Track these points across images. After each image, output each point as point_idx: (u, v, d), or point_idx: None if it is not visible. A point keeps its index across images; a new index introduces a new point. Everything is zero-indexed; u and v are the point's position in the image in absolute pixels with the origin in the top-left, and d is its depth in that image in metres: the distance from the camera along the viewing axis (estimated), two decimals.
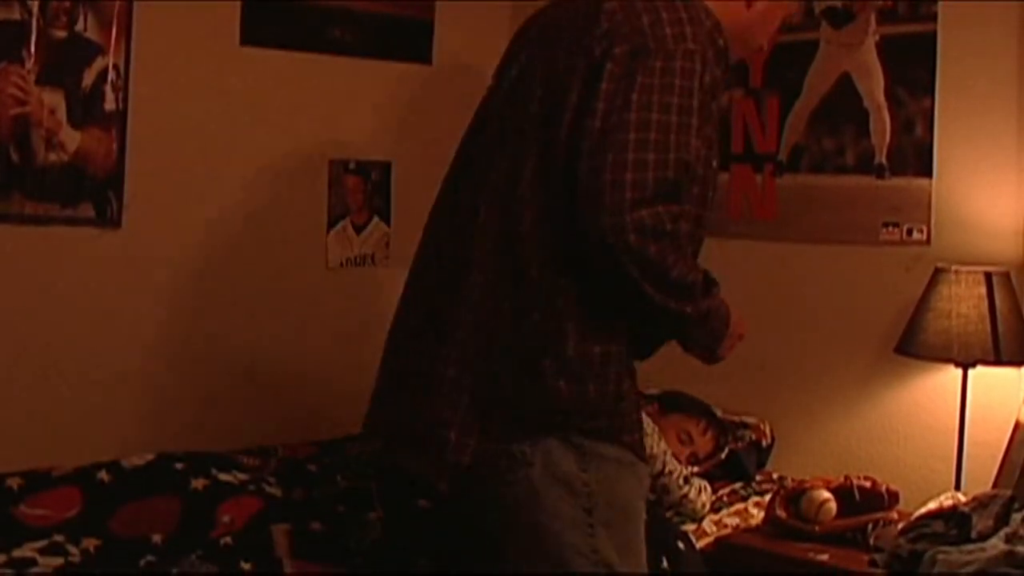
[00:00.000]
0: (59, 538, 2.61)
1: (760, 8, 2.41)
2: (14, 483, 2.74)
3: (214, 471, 2.92)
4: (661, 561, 2.83)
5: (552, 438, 2.21)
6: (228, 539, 2.64)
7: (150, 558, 2.59)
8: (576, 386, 2.19)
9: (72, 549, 2.59)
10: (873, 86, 3.46)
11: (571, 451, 2.21)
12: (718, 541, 3.10)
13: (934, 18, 3.33)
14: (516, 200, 2.25)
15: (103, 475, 2.82)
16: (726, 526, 3.15)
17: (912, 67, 3.38)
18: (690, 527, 3.09)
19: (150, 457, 2.94)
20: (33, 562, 2.51)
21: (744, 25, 2.40)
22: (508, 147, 2.33)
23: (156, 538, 2.66)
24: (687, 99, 2.18)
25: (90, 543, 2.62)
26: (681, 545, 2.91)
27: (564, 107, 2.23)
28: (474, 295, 2.25)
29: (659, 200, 2.12)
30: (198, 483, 2.84)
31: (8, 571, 2.46)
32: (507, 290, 2.23)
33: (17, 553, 2.53)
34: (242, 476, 2.96)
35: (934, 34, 3.34)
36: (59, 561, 2.54)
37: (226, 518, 2.72)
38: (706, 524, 3.15)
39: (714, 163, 2.33)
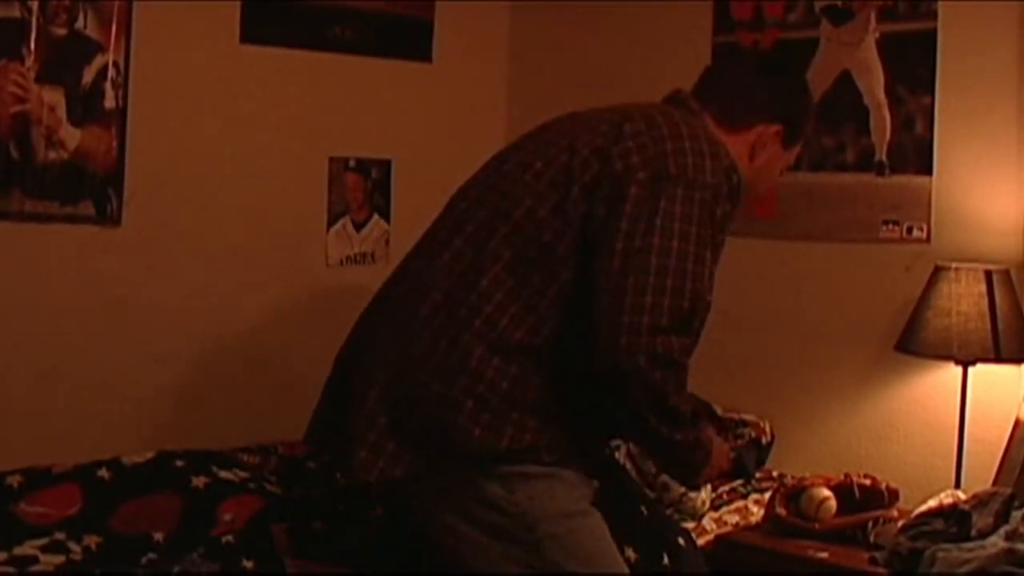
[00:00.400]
0: (60, 535, 2.61)
1: (761, 163, 2.51)
2: (14, 481, 2.74)
3: (215, 469, 2.92)
4: (662, 558, 2.83)
5: (472, 469, 2.25)
6: (230, 538, 2.63)
7: (151, 556, 2.59)
8: (490, 434, 2.23)
9: (74, 547, 2.59)
10: (873, 84, 3.46)
11: (493, 479, 2.25)
12: (718, 539, 3.10)
13: (934, 16, 3.33)
14: (485, 262, 2.30)
15: (103, 473, 2.82)
16: (726, 524, 3.16)
17: (912, 65, 3.38)
18: (690, 525, 3.09)
19: (150, 455, 2.94)
20: (35, 559, 2.51)
21: (748, 178, 2.47)
22: (483, 216, 2.37)
23: (157, 536, 2.66)
24: (704, 230, 2.26)
25: (91, 540, 2.62)
26: (682, 542, 2.91)
27: (569, 208, 2.28)
28: (427, 322, 2.30)
29: (673, 329, 2.20)
30: (199, 481, 2.84)
31: (9, 569, 2.46)
32: (456, 330, 2.27)
33: (18, 551, 2.53)
34: (243, 474, 2.96)
35: (934, 32, 3.34)
36: (60, 559, 2.53)
37: (227, 517, 2.72)
38: (706, 522, 3.15)
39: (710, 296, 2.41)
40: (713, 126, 2.45)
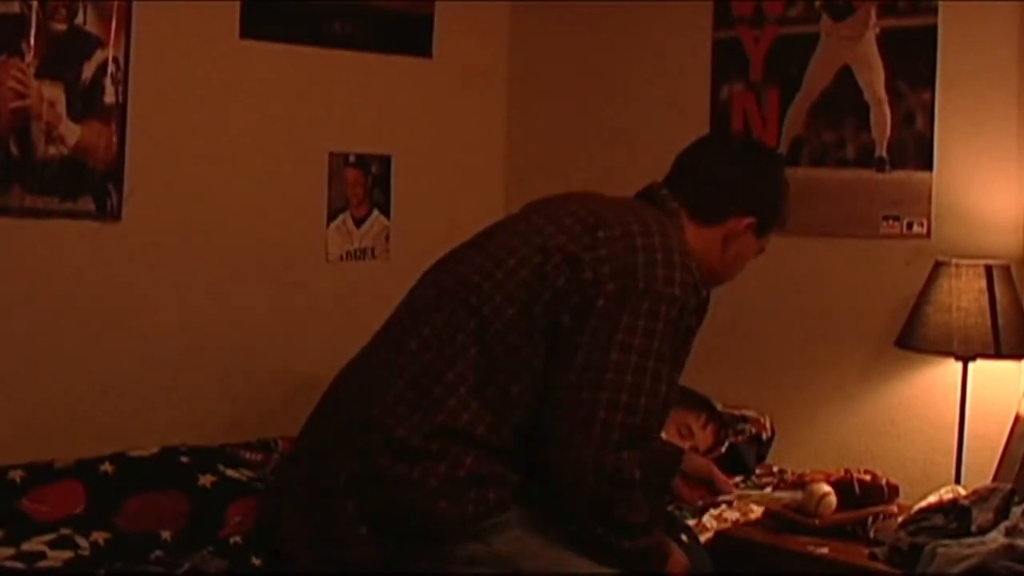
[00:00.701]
0: (66, 531, 2.60)
1: (732, 254, 2.57)
2: (16, 475, 2.74)
3: (221, 467, 2.91)
4: None
5: (446, 539, 2.30)
6: (238, 538, 2.64)
7: (159, 553, 2.59)
8: (455, 507, 2.27)
9: (81, 542, 2.58)
10: (873, 79, 3.45)
11: (469, 539, 2.29)
12: (718, 535, 3.10)
13: (935, 11, 3.33)
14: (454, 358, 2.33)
15: (107, 467, 2.81)
16: (726, 520, 3.15)
17: (913, 60, 3.38)
18: (691, 522, 3.09)
19: (154, 450, 2.93)
20: (43, 555, 2.51)
21: (719, 269, 2.58)
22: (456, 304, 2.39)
23: (165, 535, 2.66)
24: (666, 345, 2.30)
25: (99, 536, 2.61)
26: (685, 538, 2.91)
27: (538, 312, 2.31)
28: (390, 409, 2.32)
29: (625, 445, 2.24)
30: (206, 480, 2.83)
31: (18, 564, 2.45)
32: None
33: (26, 546, 2.52)
34: (249, 473, 2.95)
35: (935, 27, 3.33)
36: (69, 554, 2.53)
37: (237, 518, 2.72)
38: (706, 519, 3.14)
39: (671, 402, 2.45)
40: (687, 221, 2.50)
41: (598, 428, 2.22)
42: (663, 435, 3.24)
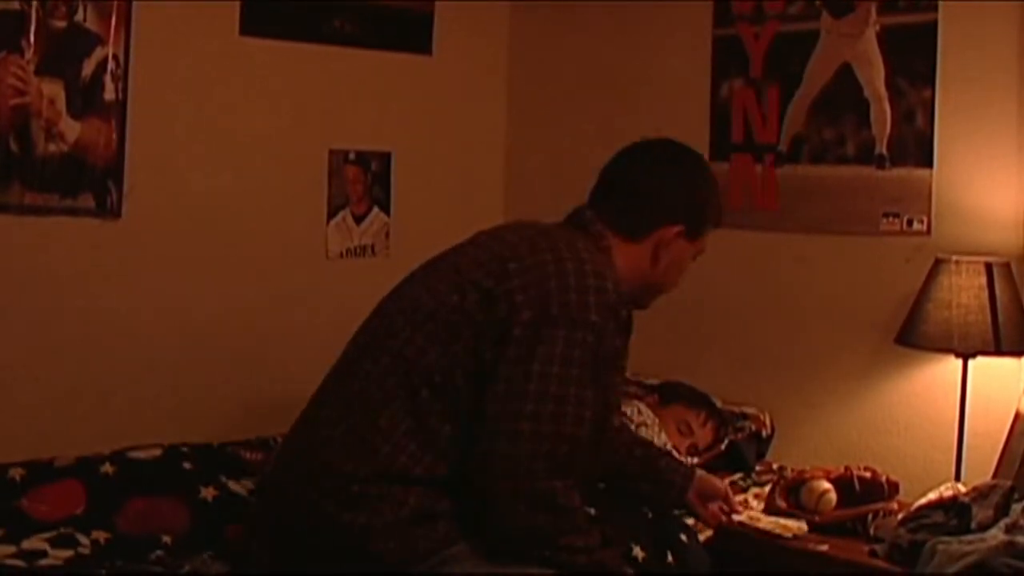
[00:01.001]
0: (67, 530, 2.60)
1: (665, 264, 2.54)
2: (16, 474, 2.73)
3: (223, 478, 2.89)
4: (666, 556, 2.83)
5: None
6: (239, 546, 2.63)
7: (160, 552, 2.59)
8: (405, 547, 2.27)
9: (82, 539, 2.58)
10: (874, 76, 3.45)
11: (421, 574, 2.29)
12: (718, 530, 3.10)
13: (935, 8, 3.32)
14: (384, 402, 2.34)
15: (107, 468, 2.81)
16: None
17: (913, 57, 3.38)
18: (691, 520, 3.09)
19: (157, 452, 2.91)
20: (43, 553, 2.51)
21: (654, 281, 2.56)
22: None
23: (166, 539, 2.65)
24: (586, 371, 2.28)
25: (100, 535, 2.61)
26: (684, 538, 2.91)
27: (459, 351, 2.31)
28: (332, 457, 2.33)
29: (554, 474, 2.24)
30: (207, 493, 2.81)
31: (19, 562, 2.45)
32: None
33: (27, 544, 2.52)
34: (250, 484, 2.93)
35: (935, 24, 3.33)
36: (69, 552, 2.53)
37: (236, 537, 2.71)
38: None
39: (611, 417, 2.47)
40: (614, 239, 2.48)
41: (524, 460, 2.22)
42: (664, 436, 3.25)
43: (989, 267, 3.08)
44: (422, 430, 2.30)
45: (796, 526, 2.98)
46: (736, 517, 2.99)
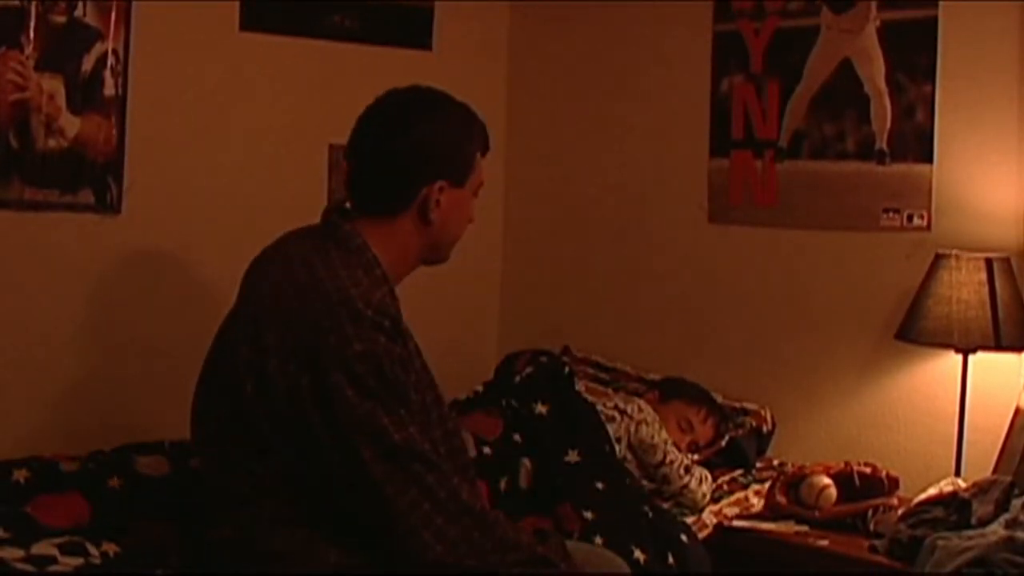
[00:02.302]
0: (76, 537, 2.57)
1: (441, 219, 2.37)
2: (20, 476, 2.70)
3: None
4: (667, 557, 2.83)
5: None
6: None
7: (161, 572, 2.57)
8: None
9: (92, 550, 2.55)
10: (874, 72, 3.45)
11: None
12: (717, 526, 3.10)
13: (935, 4, 3.32)
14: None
15: (114, 482, 2.77)
16: (726, 516, 3.15)
17: (913, 53, 3.38)
18: (691, 519, 3.09)
19: (165, 470, 2.87)
20: (53, 559, 2.48)
21: (435, 239, 2.39)
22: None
23: (174, 560, 2.61)
24: (388, 394, 2.18)
25: (109, 547, 2.58)
26: (684, 538, 2.91)
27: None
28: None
29: (424, 526, 2.16)
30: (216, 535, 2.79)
31: (29, 567, 2.43)
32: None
33: (36, 549, 2.50)
34: None
35: (935, 20, 3.33)
36: (79, 560, 2.51)
37: None
38: (706, 515, 3.15)
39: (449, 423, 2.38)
40: (374, 227, 2.34)
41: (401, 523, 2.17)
42: (664, 433, 3.25)
43: (989, 262, 3.08)
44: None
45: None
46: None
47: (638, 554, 2.75)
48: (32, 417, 3.17)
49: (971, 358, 3.14)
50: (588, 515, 2.82)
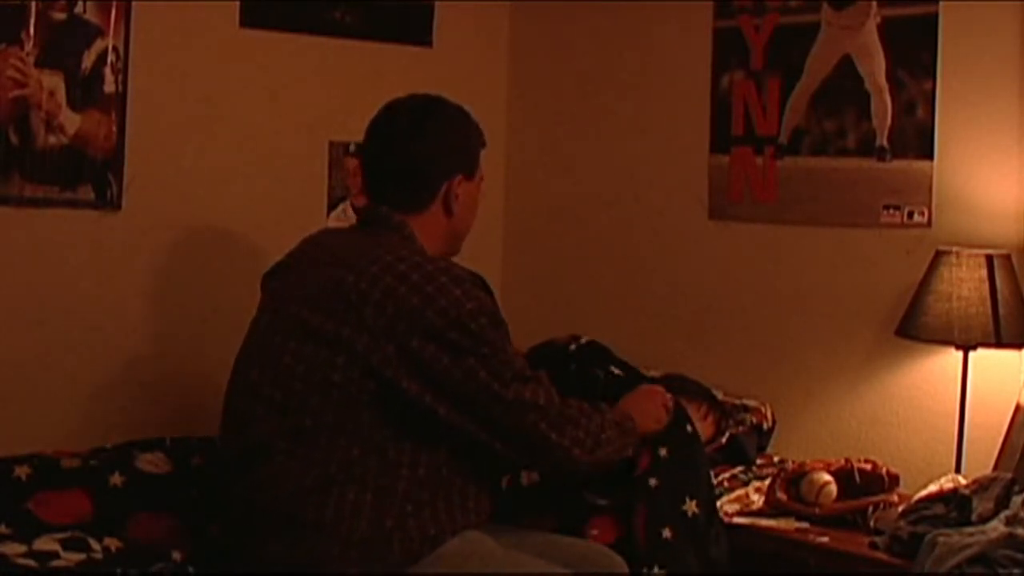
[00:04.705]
0: (79, 533, 2.58)
1: (460, 211, 2.62)
2: (22, 473, 2.71)
3: None
4: (716, 512, 2.87)
5: None
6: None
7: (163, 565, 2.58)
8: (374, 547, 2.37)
9: (94, 545, 2.56)
10: (874, 68, 3.45)
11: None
12: None
13: (935, 0, 3.32)
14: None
15: (116, 479, 2.78)
16: (727, 513, 3.14)
17: (913, 49, 3.37)
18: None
19: (166, 467, 2.88)
20: (56, 555, 2.49)
21: (456, 229, 2.65)
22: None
23: (176, 555, 2.62)
24: (499, 340, 2.48)
25: (111, 543, 2.60)
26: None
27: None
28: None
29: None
30: (215, 529, 2.76)
31: (31, 562, 2.44)
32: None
33: (38, 545, 2.51)
34: None
35: (936, 16, 3.33)
36: (81, 556, 2.51)
37: None
38: None
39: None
40: (411, 220, 2.57)
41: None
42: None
43: (990, 259, 3.08)
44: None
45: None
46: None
47: (691, 506, 2.83)
48: (33, 414, 3.17)
49: (971, 355, 3.13)
50: (663, 452, 2.88)
